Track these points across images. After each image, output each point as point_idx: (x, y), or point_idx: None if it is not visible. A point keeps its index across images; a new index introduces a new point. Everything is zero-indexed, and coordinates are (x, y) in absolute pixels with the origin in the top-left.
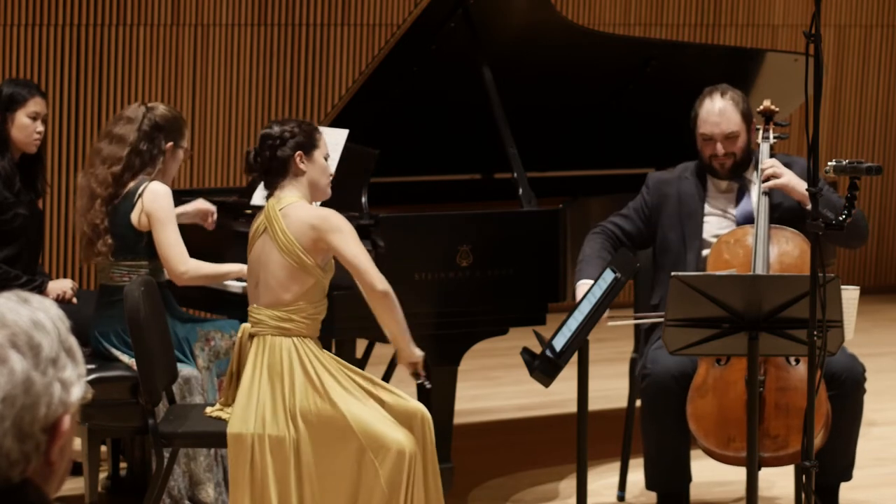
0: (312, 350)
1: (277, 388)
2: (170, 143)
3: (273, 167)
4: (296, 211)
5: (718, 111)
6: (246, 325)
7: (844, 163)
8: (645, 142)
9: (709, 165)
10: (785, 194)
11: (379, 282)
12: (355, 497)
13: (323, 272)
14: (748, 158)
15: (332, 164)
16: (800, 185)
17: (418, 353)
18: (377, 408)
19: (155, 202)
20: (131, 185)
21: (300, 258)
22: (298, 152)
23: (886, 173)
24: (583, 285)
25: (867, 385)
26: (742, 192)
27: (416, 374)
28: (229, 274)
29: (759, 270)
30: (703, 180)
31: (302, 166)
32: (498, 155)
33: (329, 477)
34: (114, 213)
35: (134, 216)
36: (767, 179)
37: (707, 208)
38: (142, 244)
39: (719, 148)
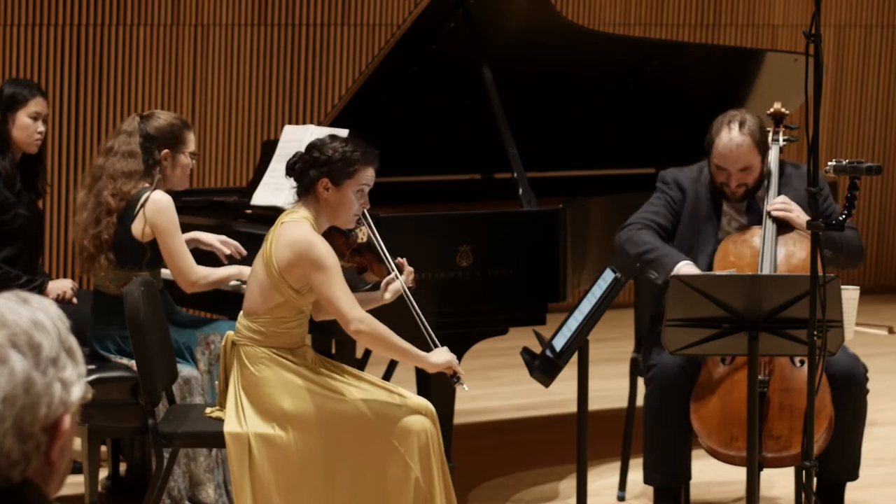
0: (295, 356)
1: (258, 397)
2: (165, 151)
3: (298, 181)
4: (289, 230)
5: (736, 146)
6: (230, 333)
7: (844, 163)
8: (645, 142)
9: (720, 189)
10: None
11: (353, 322)
12: (385, 487)
13: (297, 294)
14: (760, 184)
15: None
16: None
17: (440, 360)
18: (384, 394)
19: (159, 214)
20: (133, 194)
21: (272, 275)
22: (324, 179)
23: (886, 173)
24: (687, 266)
25: (868, 385)
26: (752, 206)
27: (454, 378)
28: (231, 276)
29: (766, 271)
30: (718, 190)
31: (324, 194)
32: (498, 155)
33: (348, 468)
34: (117, 224)
35: (136, 227)
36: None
37: (721, 216)
38: (144, 256)
39: (733, 181)
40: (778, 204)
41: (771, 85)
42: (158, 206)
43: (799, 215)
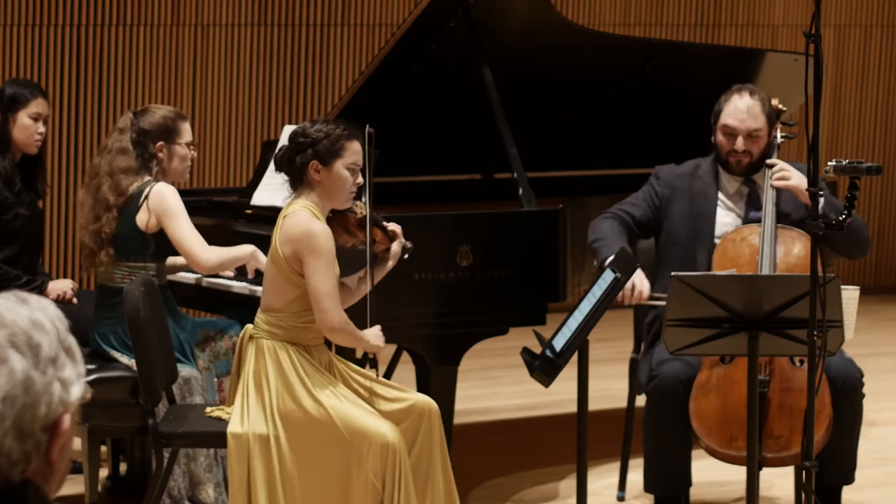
0: (300, 352)
1: (262, 389)
2: (160, 144)
3: (289, 171)
4: (290, 220)
5: (746, 108)
6: (248, 326)
7: (844, 163)
8: (645, 141)
9: (725, 160)
10: (794, 203)
11: (334, 321)
12: (346, 493)
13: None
14: (762, 161)
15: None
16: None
17: (375, 343)
18: (362, 404)
19: (162, 202)
20: (133, 188)
21: (281, 267)
22: (314, 162)
23: (886, 173)
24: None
25: (867, 385)
26: (752, 196)
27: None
28: (244, 256)
29: (766, 269)
30: (716, 181)
31: (316, 176)
32: (498, 155)
33: (318, 474)
34: (118, 218)
35: (140, 218)
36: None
37: (718, 209)
38: (148, 248)
39: (739, 143)
40: (777, 171)
41: (771, 85)
42: (161, 194)
43: (799, 182)
